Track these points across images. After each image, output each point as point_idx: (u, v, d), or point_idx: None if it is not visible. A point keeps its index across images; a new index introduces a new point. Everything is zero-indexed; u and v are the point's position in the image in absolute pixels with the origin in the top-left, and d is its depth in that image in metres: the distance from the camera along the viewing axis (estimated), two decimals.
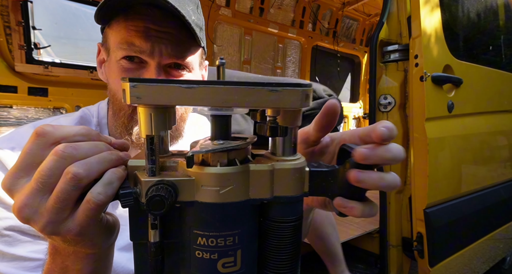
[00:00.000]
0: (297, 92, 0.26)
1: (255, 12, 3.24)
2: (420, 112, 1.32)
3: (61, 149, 0.28)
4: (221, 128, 0.30)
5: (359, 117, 4.82)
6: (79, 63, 2.21)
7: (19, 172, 0.29)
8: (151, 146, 0.28)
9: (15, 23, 1.90)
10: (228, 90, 0.25)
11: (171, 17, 0.55)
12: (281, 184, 0.29)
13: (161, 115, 0.29)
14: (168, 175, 0.29)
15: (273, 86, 0.26)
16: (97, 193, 0.28)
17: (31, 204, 0.28)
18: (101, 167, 0.29)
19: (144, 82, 0.25)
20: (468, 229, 1.53)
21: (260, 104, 0.26)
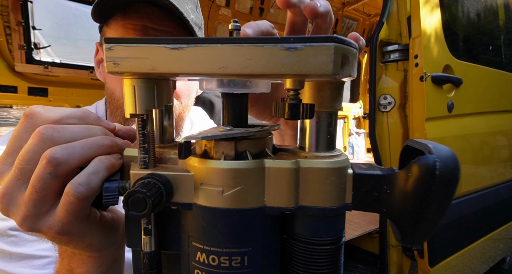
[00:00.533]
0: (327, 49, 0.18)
1: (255, 12, 3.24)
2: (420, 112, 1.32)
3: (40, 130, 0.24)
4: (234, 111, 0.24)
5: (359, 117, 4.82)
6: (79, 63, 2.21)
7: (7, 158, 0.26)
8: (143, 131, 0.23)
9: (15, 23, 1.90)
10: (225, 50, 0.19)
11: (170, 16, 0.54)
12: (310, 190, 0.22)
13: (149, 87, 0.22)
14: (164, 169, 0.23)
15: (291, 42, 0.18)
16: (77, 183, 0.23)
17: (10, 193, 0.24)
18: (86, 153, 0.24)
19: (122, 42, 0.20)
20: (468, 229, 1.53)
21: (272, 69, 0.18)
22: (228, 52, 0.19)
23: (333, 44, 0.18)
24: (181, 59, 0.19)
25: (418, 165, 0.20)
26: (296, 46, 0.18)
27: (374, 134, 1.48)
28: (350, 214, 1.93)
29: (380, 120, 1.49)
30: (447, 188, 0.20)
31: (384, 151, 1.49)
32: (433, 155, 0.20)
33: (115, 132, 0.29)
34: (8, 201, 0.24)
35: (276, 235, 0.23)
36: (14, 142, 0.26)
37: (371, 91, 1.48)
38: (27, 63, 1.98)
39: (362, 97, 4.81)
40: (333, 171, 0.22)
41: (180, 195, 0.22)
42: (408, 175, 0.21)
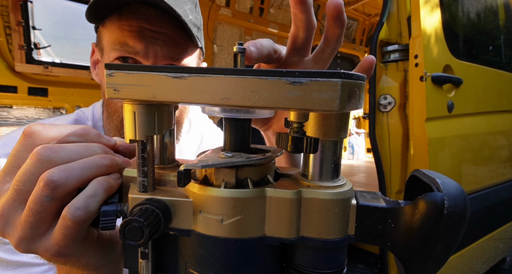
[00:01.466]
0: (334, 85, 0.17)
1: (255, 12, 3.24)
2: (420, 112, 1.32)
3: (38, 151, 0.23)
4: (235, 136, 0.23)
5: (359, 117, 4.82)
6: (79, 63, 2.21)
7: (5, 176, 0.25)
8: (143, 154, 0.22)
9: (15, 23, 1.90)
10: (229, 82, 0.18)
11: (167, 17, 0.53)
12: (312, 221, 0.21)
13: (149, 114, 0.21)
14: (163, 192, 0.22)
15: (296, 76, 0.17)
16: (75, 207, 0.23)
17: (6, 214, 0.23)
18: (85, 174, 0.24)
19: (123, 69, 0.19)
20: (468, 229, 1.53)
21: (275, 102, 0.17)
22: (231, 84, 0.18)
23: (340, 80, 0.17)
24: (182, 88, 0.18)
25: (425, 202, 0.19)
26: (301, 80, 0.17)
27: (374, 134, 1.48)
28: None
29: (380, 120, 1.49)
30: (456, 227, 0.19)
31: (384, 151, 1.49)
32: (442, 193, 0.19)
33: (116, 148, 0.29)
34: (4, 222, 0.24)
35: (276, 265, 0.22)
36: (13, 160, 0.25)
37: (371, 91, 1.48)
38: (27, 63, 1.98)
39: None
40: (337, 203, 0.21)
41: (179, 221, 0.22)
42: (415, 211, 0.20)
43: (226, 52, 3.17)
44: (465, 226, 0.19)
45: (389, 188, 1.49)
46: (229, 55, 3.20)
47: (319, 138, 0.21)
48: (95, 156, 0.25)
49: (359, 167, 3.96)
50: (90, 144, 0.26)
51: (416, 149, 1.34)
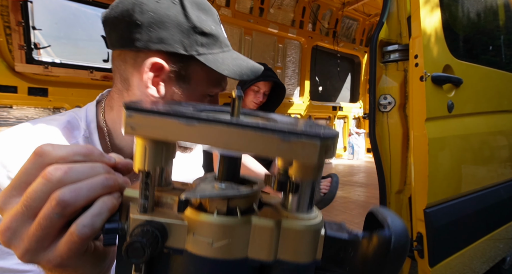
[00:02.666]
0: (314, 145, 0.22)
1: (255, 12, 3.24)
2: (420, 112, 1.32)
3: (50, 171, 0.25)
4: (228, 169, 0.27)
5: (359, 117, 4.82)
6: (79, 63, 2.21)
7: (12, 191, 0.27)
8: (146, 181, 0.25)
9: (15, 23, 1.90)
10: (232, 133, 0.22)
11: None
12: (288, 247, 0.25)
13: (158, 149, 0.25)
14: (161, 214, 0.25)
15: (287, 134, 0.22)
16: (82, 225, 0.25)
17: (14, 227, 0.26)
18: (92, 195, 0.26)
19: (140, 112, 0.22)
20: (468, 229, 1.53)
21: (268, 152, 0.22)
22: (233, 134, 0.22)
23: (319, 142, 0.22)
24: (191, 133, 0.22)
25: (378, 237, 0.25)
26: (290, 138, 0.22)
27: (374, 134, 1.48)
28: (350, 214, 1.93)
29: (380, 120, 1.49)
30: (399, 258, 0.24)
31: (384, 151, 1.49)
32: (390, 231, 0.24)
33: (115, 166, 0.31)
34: (11, 234, 0.26)
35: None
36: (22, 176, 0.27)
37: (371, 91, 1.48)
38: (27, 63, 1.99)
39: (362, 97, 4.81)
40: (309, 232, 0.25)
41: (173, 241, 0.25)
42: (370, 244, 0.25)
43: None
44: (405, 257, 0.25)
45: (389, 188, 1.49)
46: None
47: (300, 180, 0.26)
48: (100, 177, 0.28)
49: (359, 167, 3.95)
50: (95, 165, 0.28)
51: (416, 149, 1.34)
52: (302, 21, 3.68)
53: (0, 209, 0.27)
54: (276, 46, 3.60)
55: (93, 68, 2.24)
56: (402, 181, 1.48)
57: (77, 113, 0.64)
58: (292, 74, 3.83)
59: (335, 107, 4.41)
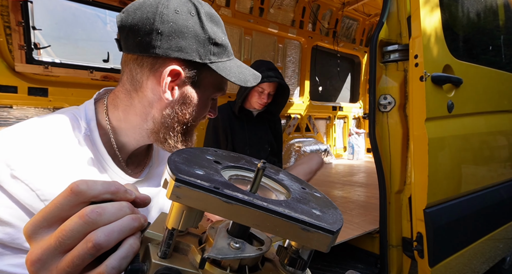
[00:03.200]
0: (327, 238, 0.26)
1: (255, 12, 3.24)
2: (420, 112, 1.32)
3: (87, 213, 0.28)
4: (240, 228, 0.30)
5: (359, 117, 4.82)
6: (79, 63, 2.21)
7: (43, 222, 0.29)
8: (172, 231, 0.28)
9: (15, 23, 1.90)
10: (262, 217, 0.25)
11: None
12: None
13: (193, 215, 0.28)
14: (178, 260, 0.29)
15: (307, 225, 0.26)
16: (111, 267, 0.27)
17: (44, 260, 0.28)
18: (121, 237, 0.29)
19: (188, 185, 0.25)
20: (468, 229, 1.53)
21: (288, 236, 0.26)
22: (264, 218, 0.26)
23: (331, 236, 0.26)
24: (227, 211, 0.26)
25: None
26: (309, 229, 0.26)
27: (374, 134, 1.48)
28: (350, 214, 1.93)
29: (380, 120, 1.49)
30: None
31: (384, 151, 1.49)
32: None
33: (134, 201, 0.33)
34: (41, 266, 0.28)
35: None
36: (55, 210, 0.29)
37: (371, 91, 1.48)
38: (27, 63, 1.98)
39: (362, 97, 4.82)
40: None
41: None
42: None
43: None
44: None
45: (389, 188, 1.49)
46: None
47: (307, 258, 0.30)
48: (128, 219, 0.30)
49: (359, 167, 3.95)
50: (122, 205, 0.31)
51: (416, 149, 1.34)
52: (302, 21, 3.68)
53: (29, 237, 0.29)
54: (276, 46, 3.60)
55: (93, 68, 2.24)
56: (402, 181, 1.48)
57: (75, 111, 0.64)
58: (292, 74, 3.83)
59: (335, 107, 4.41)
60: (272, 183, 0.35)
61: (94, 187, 0.30)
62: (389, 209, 1.48)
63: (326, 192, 2.45)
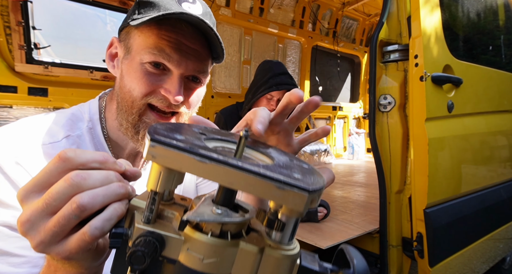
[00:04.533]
0: (302, 197, 0.25)
1: (255, 12, 3.24)
2: (420, 112, 1.32)
3: (72, 177, 0.29)
4: (225, 197, 0.30)
5: (359, 117, 4.82)
6: (79, 63, 2.21)
7: (33, 187, 0.31)
8: (154, 197, 0.29)
9: (15, 23, 1.90)
10: (237, 175, 0.25)
11: (200, 35, 0.61)
12: (266, 271, 0.28)
13: (171, 176, 0.29)
14: (162, 226, 0.29)
15: (281, 183, 0.25)
16: (94, 227, 0.29)
17: (33, 220, 0.29)
18: (106, 201, 0.30)
19: (162, 144, 0.26)
20: (468, 229, 1.53)
21: (264, 195, 0.26)
22: (238, 177, 0.25)
23: (307, 194, 0.25)
24: (202, 169, 0.26)
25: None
26: (284, 187, 0.25)
27: (374, 134, 1.48)
28: (350, 214, 1.93)
29: (380, 120, 1.49)
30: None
31: (384, 151, 1.49)
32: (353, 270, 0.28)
33: (124, 172, 0.34)
34: (29, 226, 0.29)
35: None
36: (44, 176, 0.30)
37: (371, 91, 1.48)
38: (27, 63, 1.98)
39: (362, 97, 4.81)
40: (287, 261, 0.29)
41: (169, 251, 0.28)
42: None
43: (226, 52, 3.17)
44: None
45: (389, 188, 1.49)
46: (229, 55, 3.20)
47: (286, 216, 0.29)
48: (113, 185, 0.31)
49: (359, 167, 3.95)
50: (109, 173, 0.32)
51: (416, 149, 1.34)
52: (302, 21, 3.67)
53: (21, 201, 0.31)
54: (276, 46, 3.60)
55: (93, 68, 2.24)
56: (402, 181, 1.48)
57: (80, 107, 0.67)
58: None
59: (335, 107, 4.40)
60: (259, 155, 0.35)
61: (82, 155, 0.31)
62: (389, 209, 1.48)
63: (326, 192, 2.45)
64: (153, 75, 0.60)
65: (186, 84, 0.63)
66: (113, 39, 0.67)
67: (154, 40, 0.58)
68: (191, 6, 0.60)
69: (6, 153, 0.51)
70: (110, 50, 0.67)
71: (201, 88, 0.68)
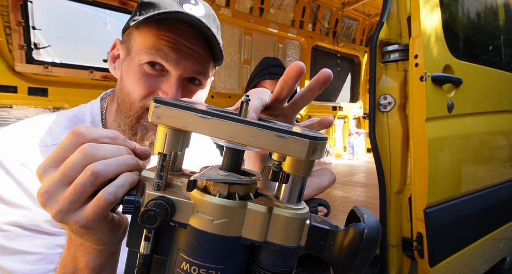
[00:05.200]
0: (304, 143, 0.26)
1: (255, 12, 3.24)
2: (420, 112, 1.32)
3: (85, 147, 0.31)
4: (232, 160, 0.31)
5: (359, 117, 4.82)
6: (79, 63, 2.21)
7: (51, 162, 0.33)
8: (162, 163, 0.30)
9: (15, 23, 1.90)
10: (237, 127, 0.26)
11: (201, 37, 0.60)
12: (276, 231, 0.28)
13: (176, 137, 0.30)
14: (171, 193, 0.30)
15: (281, 132, 0.26)
16: (108, 192, 0.30)
17: (51, 191, 0.31)
18: (118, 169, 0.32)
19: (166, 104, 0.27)
20: (468, 229, 1.53)
21: (265, 146, 0.26)
22: (239, 129, 0.26)
23: (308, 140, 0.26)
24: (204, 125, 0.27)
25: (353, 228, 0.28)
26: (284, 136, 0.26)
27: (374, 134, 1.47)
28: None
29: (380, 120, 1.49)
30: (370, 248, 0.28)
31: (384, 151, 1.49)
32: (364, 224, 0.28)
33: (134, 151, 0.36)
34: (48, 196, 0.31)
35: (245, 260, 0.30)
36: (60, 151, 0.32)
37: (371, 91, 1.48)
38: (27, 63, 1.98)
39: (362, 97, 4.81)
40: (296, 221, 0.29)
41: (180, 216, 0.29)
42: (346, 234, 0.29)
43: (226, 52, 3.17)
44: (376, 248, 0.28)
45: (389, 188, 1.49)
46: (229, 55, 3.20)
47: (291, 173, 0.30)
48: (125, 156, 0.33)
49: (359, 167, 3.95)
50: (119, 146, 0.34)
51: (416, 149, 1.34)
52: (302, 21, 3.67)
53: (40, 176, 0.33)
54: (276, 46, 3.60)
55: (93, 68, 2.24)
56: (402, 181, 1.47)
57: (82, 108, 0.67)
58: None
59: (335, 107, 4.40)
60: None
61: (94, 131, 0.33)
62: (389, 209, 1.48)
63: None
64: (151, 77, 0.59)
65: (185, 86, 0.62)
66: (115, 41, 0.67)
67: (153, 40, 0.58)
68: (193, 8, 0.59)
69: (11, 154, 0.52)
70: (113, 52, 0.67)
71: (202, 90, 0.66)
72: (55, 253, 0.50)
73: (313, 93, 0.43)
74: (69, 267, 0.38)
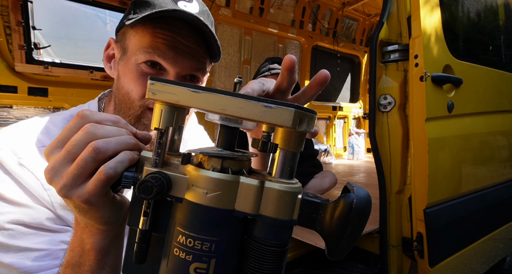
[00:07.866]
0: (290, 112, 0.27)
1: (255, 12, 3.24)
2: (420, 112, 1.32)
3: (88, 127, 0.33)
4: (226, 138, 0.33)
5: (359, 117, 4.82)
6: (79, 63, 2.21)
7: (57, 143, 0.35)
8: (160, 140, 0.32)
9: (15, 23, 1.90)
10: (225, 99, 0.28)
11: (196, 34, 0.60)
12: (269, 204, 0.29)
13: (171, 112, 0.32)
14: (168, 169, 0.31)
15: (268, 102, 0.27)
16: (108, 167, 0.32)
17: (57, 167, 0.33)
18: (118, 147, 0.34)
19: (160, 81, 0.30)
20: (468, 229, 1.53)
21: (254, 116, 0.28)
22: (228, 101, 0.28)
23: (293, 109, 0.27)
24: (196, 99, 0.29)
25: (343, 200, 0.29)
26: (271, 106, 0.27)
27: (374, 134, 1.48)
28: None
29: (380, 120, 1.49)
30: (360, 217, 0.28)
31: (384, 151, 1.49)
32: (354, 194, 0.29)
33: (136, 135, 0.38)
34: (54, 172, 0.33)
35: (239, 234, 0.30)
36: (66, 132, 0.35)
37: (371, 91, 1.48)
38: (27, 63, 1.98)
39: (362, 97, 4.81)
40: (288, 194, 0.29)
41: (176, 191, 0.30)
42: (336, 206, 0.29)
43: (226, 52, 3.17)
44: (367, 218, 0.29)
45: (389, 188, 1.49)
46: (229, 55, 3.20)
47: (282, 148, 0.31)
48: (125, 136, 0.35)
49: (359, 167, 3.96)
50: (120, 129, 0.36)
51: (416, 149, 1.34)
52: (302, 21, 3.68)
53: (47, 156, 0.35)
54: (276, 46, 3.60)
55: (93, 68, 2.24)
56: (402, 181, 1.47)
57: (79, 108, 0.67)
58: None
59: (335, 107, 4.41)
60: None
61: (97, 114, 0.36)
62: (389, 209, 1.48)
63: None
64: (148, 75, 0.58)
65: None
66: (110, 40, 0.67)
67: (149, 39, 0.57)
68: (187, 5, 0.59)
69: (10, 154, 0.52)
70: (107, 52, 0.67)
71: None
72: (59, 249, 0.51)
73: (312, 91, 0.44)
74: (76, 250, 0.40)
